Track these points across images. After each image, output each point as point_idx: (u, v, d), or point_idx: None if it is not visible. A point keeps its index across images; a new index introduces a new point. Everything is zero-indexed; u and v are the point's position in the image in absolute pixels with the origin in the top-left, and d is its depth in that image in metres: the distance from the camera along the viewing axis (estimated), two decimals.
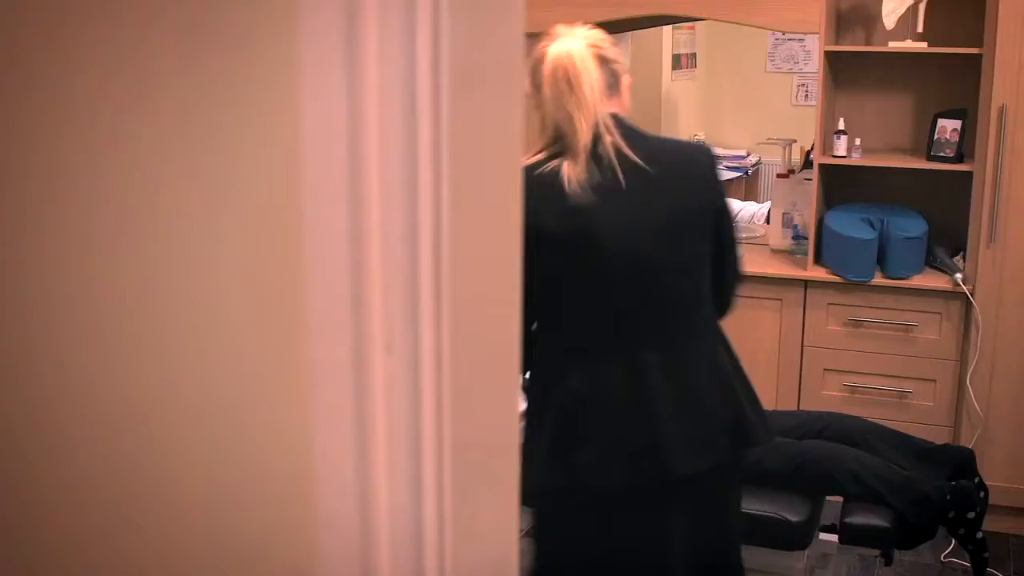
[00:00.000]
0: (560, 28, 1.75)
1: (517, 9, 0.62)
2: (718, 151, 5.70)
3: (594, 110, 1.63)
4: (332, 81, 0.57)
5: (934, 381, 3.22)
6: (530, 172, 1.62)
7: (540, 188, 1.61)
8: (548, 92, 1.65)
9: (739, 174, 5.32)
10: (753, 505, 2.27)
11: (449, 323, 0.59)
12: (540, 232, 1.59)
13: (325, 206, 0.58)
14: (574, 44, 1.69)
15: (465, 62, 0.57)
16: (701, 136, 5.72)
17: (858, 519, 2.29)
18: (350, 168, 0.57)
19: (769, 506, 2.27)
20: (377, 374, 0.60)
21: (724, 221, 1.76)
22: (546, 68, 1.66)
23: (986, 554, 2.37)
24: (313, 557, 0.63)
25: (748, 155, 5.48)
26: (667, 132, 5.34)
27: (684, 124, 5.63)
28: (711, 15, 3.43)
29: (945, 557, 3.05)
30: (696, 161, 1.74)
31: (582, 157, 1.62)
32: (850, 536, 2.30)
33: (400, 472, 0.61)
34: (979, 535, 2.34)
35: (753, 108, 5.75)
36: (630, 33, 4.81)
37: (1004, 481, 3.17)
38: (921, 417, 3.23)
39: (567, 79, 1.64)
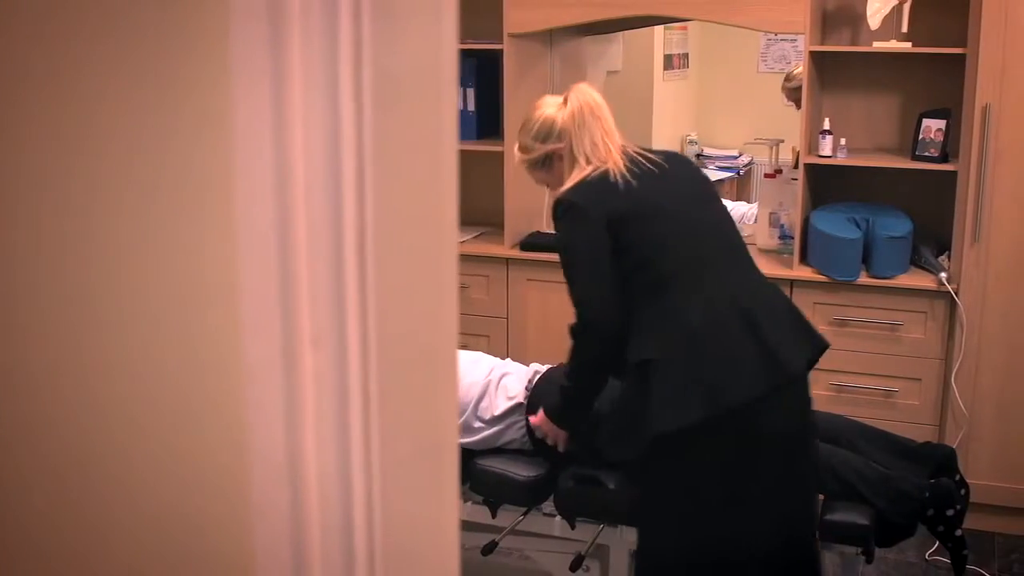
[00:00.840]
0: (550, 97, 2.21)
1: (443, 23, 0.64)
2: (710, 151, 5.70)
3: (615, 133, 2.11)
4: (259, 93, 0.58)
5: (919, 380, 3.23)
6: (582, 187, 2.03)
7: (597, 193, 2.02)
8: (575, 130, 2.08)
9: (731, 174, 5.33)
10: None
11: (375, 318, 0.61)
12: (615, 219, 1.98)
13: (254, 210, 0.60)
14: (586, 90, 2.15)
15: (387, 72, 0.59)
16: (693, 136, 5.74)
17: (838, 517, 2.30)
18: (277, 174, 0.59)
19: None
20: (306, 368, 0.62)
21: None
22: (567, 116, 2.10)
23: (965, 551, 2.38)
24: (248, 543, 0.65)
25: (740, 155, 5.50)
26: (659, 132, 5.35)
27: (676, 124, 5.65)
28: (697, 15, 3.45)
29: (930, 556, 3.07)
30: (690, 161, 2.41)
31: (621, 161, 2.04)
32: (830, 533, 2.31)
33: (330, 464, 0.63)
34: (958, 533, 2.35)
35: (745, 108, 5.76)
36: (621, 33, 4.83)
37: (989, 479, 3.18)
38: (907, 416, 3.24)
39: (593, 114, 2.09)
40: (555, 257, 3.42)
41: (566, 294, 2.20)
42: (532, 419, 2.34)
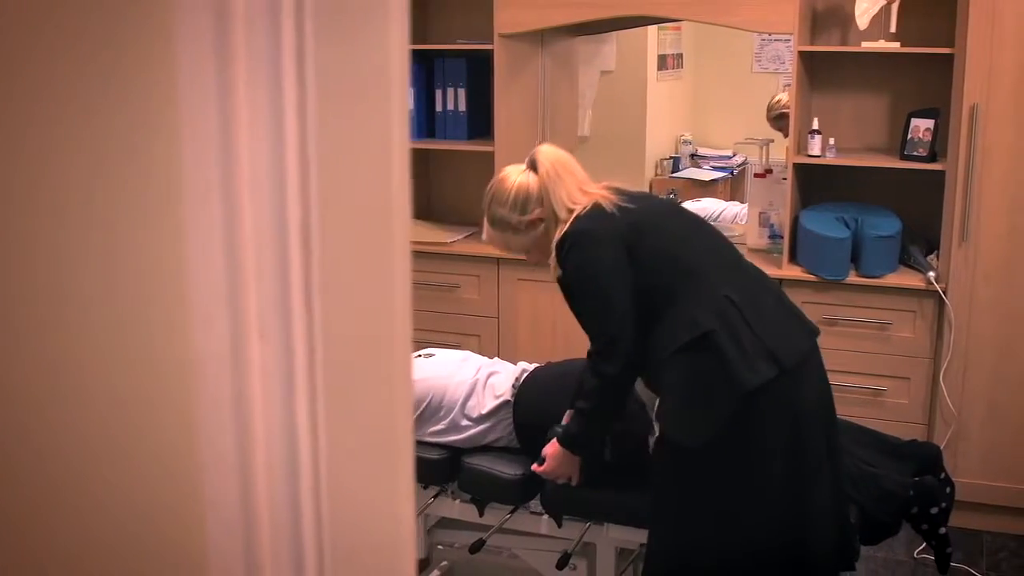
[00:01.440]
0: (512, 167, 2.29)
1: (391, 22, 0.64)
2: (704, 151, 5.70)
3: (590, 181, 2.21)
4: (204, 90, 0.59)
5: (908, 379, 3.24)
6: (582, 219, 2.11)
7: (601, 218, 2.10)
8: (552, 189, 2.16)
9: (724, 174, 5.34)
10: None
11: (321, 312, 0.62)
12: (628, 232, 2.08)
13: (201, 206, 0.61)
14: (550, 149, 2.25)
15: (330, 71, 0.60)
16: (688, 136, 5.75)
17: None
18: (223, 171, 0.60)
19: None
20: (253, 361, 0.63)
21: None
22: (540, 178, 2.19)
23: (949, 549, 2.39)
24: (200, 533, 0.66)
25: (734, 155, 5.51)
26: (653, 132, 5.37)
27: (670, 124, 5.66)
28: (686, 16, 3.46)
29: (918, 554, 3.08)
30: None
31: (607, 194, 2.15)
32: None
33: (277, 456, 0.64)
34: (942, 531, 2.36)
35: (739, 108, 5.77)
36: (615, 34, 4.84)
37: (977, 478, 3.19)
38: (896, 415, 3.25)
39: (565, 169, 2.20)
40: None
41: (556, 294, 2.23)
42: (536, 468, 2.32)
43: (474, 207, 3.87)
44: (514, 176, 2.23)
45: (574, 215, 2.13)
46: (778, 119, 3.64)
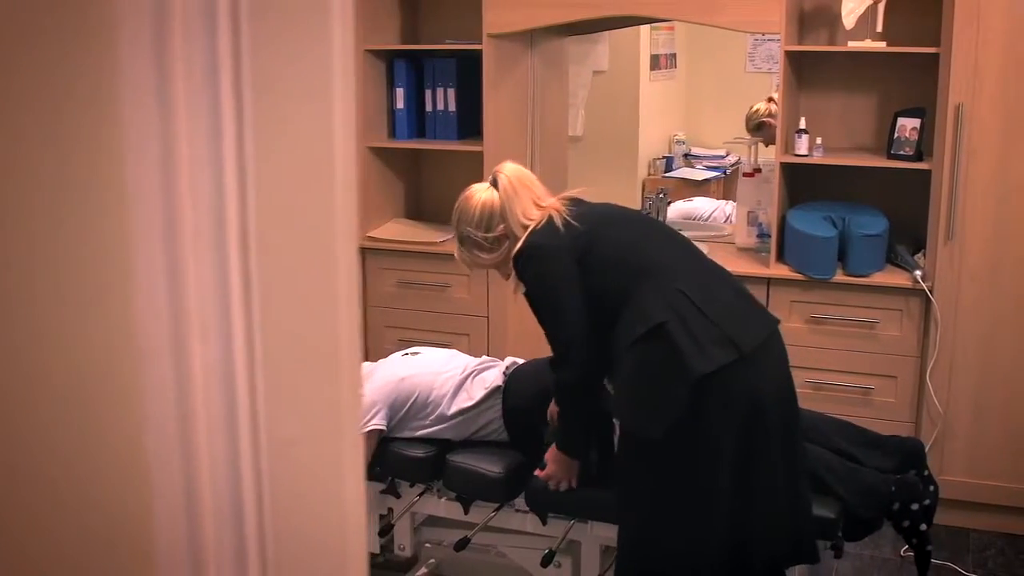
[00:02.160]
0: (475, 185, 2.36)
1: (333, 23, 0.66)
2: (698, 151, 5.70)
3: (547, 195, 2.29)
4: (144, 92, 0.61)
5: (895, 377, 3.25)
6: (534, 235, 2.20)
7: (550, 233, 2.18)
8: (509, 206, 2.24)
9: (717, 174, 5.36)
10: None
11: (260, 313, 0.64)
12: (577, 245, 2.16)
13: (142, 207, 0.63)
14: (510, 166, 2.32)
15: (267, 71, 0.61)
16: (681, 136, 5.76)
17: None
18: (163, 175, 0.62)
19: None
20: (195, 359, 0.64)
21: None
22: (500, 196, 2.26)
23: (929, 547, 2.40)
24: (147, 524, 0.67)
25: (727, 155, 5.52)
26: (645, 132, 5.38)
27: (663, 124, 5.68)
28: (674, 16, 3.48)
29: (905, 552, 3.09)
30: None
31: (558, 206, 2.24)
32: None
33: (219, 451, 0.65)
34: (923, 528, 2.37)
35: (733, 108, 5.77)
36: (607, 34, 4.86)
37: (963, 476, 3.21)
38: (883, 413, 3.27)
39: (521, 184, 2.28)
40: None
41: None
42: (538, 473, 2.38)
43: None
44: (479, 194, 2.30)
45: (528, 230, 2.22)
46: (757, 129, 3.66)
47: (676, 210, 4.70)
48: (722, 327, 2.06)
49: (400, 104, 3.74)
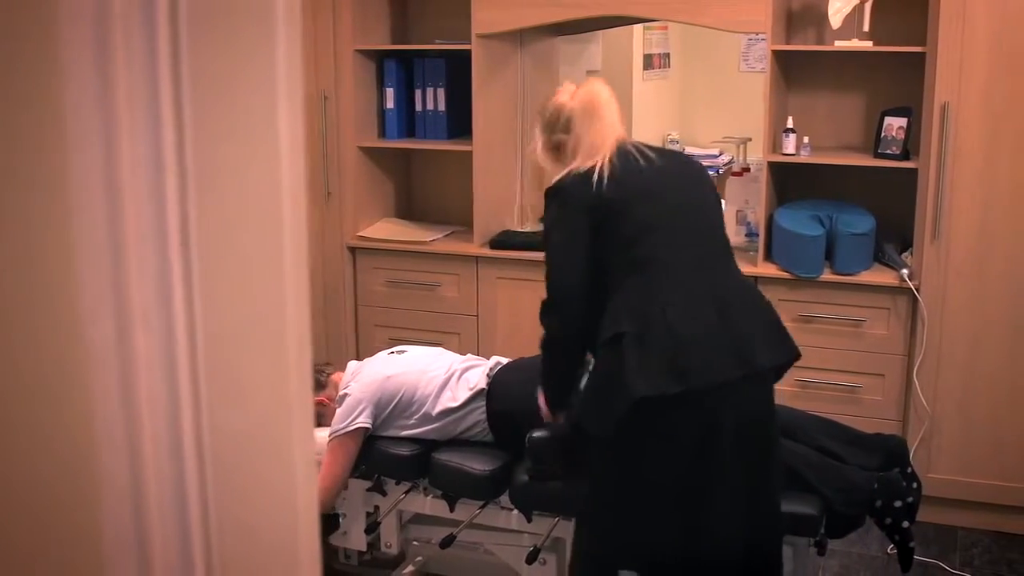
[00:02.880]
0: (568, 85, 2.27)
1: (276, 25, 0.67)
2: (691, 150, 5.71)
3: (616, 128, 2.16)
4: (87, 93, 0.62)
5: (883, 376, 3.26)
6: (569, 176, 2.10)
7: (582, 183, 2.07)
8: (578, 123, 2.14)
9: (711, 173, 5.36)
10: None
11: (201, 304, 0.65)
12: (597, 205, 2.05)
13: (86, 204, 0.64)
14: (593, 85, 2.21)
15: (206, 71, 0.63)
16: (675, 135, 5.77)
17: (785, 507, 2.33)
18: (106, 172, 0.63)
19: None
20: (139, 350, 0.65)
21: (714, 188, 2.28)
22: (573, 108, 2.16)
23: (912, 544, 2.41)
24: (95, 512, 0.68)
25: (721, 154, 5.53)
26: (639, 131, 5.38)
27: (657, 123, 5.69)
28: (661, 15, 3.49)
29: (891, 550, 3.09)
30: (692, 161, 2.37)
31: (610, 155, 2.09)
32: None
33: (163, 441, 0.67)
34: (905, 525, 2.38)
35: (726, 107, 5.79)
36: (601, 34, 4.87)
37: (951, 474, 3.22)
38: (871, 411, 3.27)
39: (593, 109, 2.15)
40: (525, 255, 3.46)
41: (536, 292, 2.23)
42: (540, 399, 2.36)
43: (454, 206, 3.91)
44: (560, 95, 2.23)
45: (568, 169, 2.13)
46: None
47: None
48: (681, 354, 1.97)
49: (390, 104, 3.75)
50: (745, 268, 3.32)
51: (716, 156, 5.58)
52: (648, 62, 5.49)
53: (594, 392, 2.11)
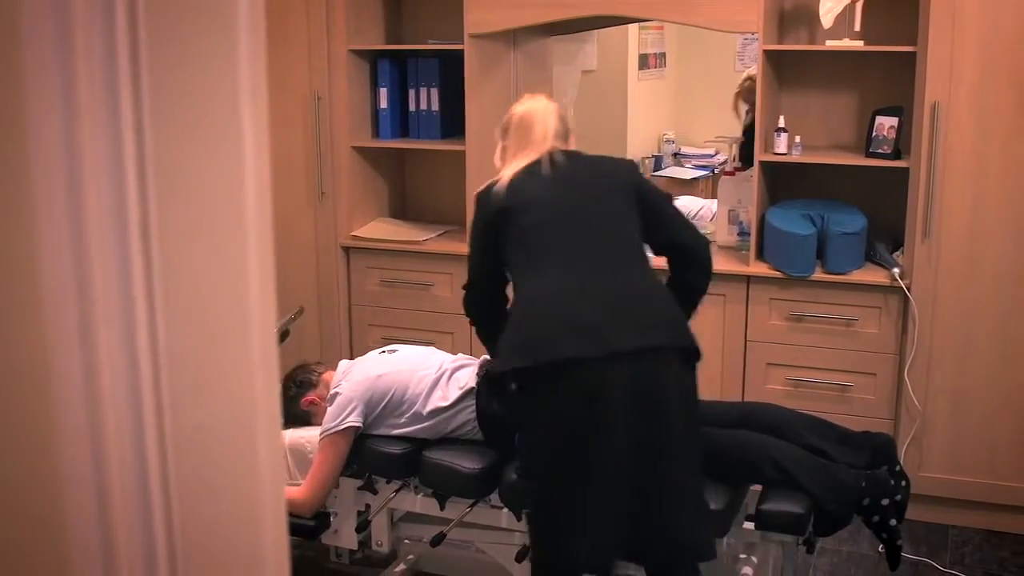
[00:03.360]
0: (526, 96, 2.48)
1: (237, 23, 0.68)
2: (687, 150, 5.71)
3: (545, 142, 2.33)
4: (49, 93, 0.63)
5: (874, 374, 3.27)
6: (486, 185, 2.36)
7: (492, 192, 2.31)
8: (513, 133, 2.37)
9: (705, 172, 5.38)
10: None
11: (162, 299, 0.66)
12: (500, 210, 2.27)
13: (48, 200, 0.65)
14: (529, 99, 2.43)
15: (166, 71, 0.64)
16: (670, 135, 5.78)
17: (772, 505, 2.34)
18: (68, 169, 0.64)
19: None
20: (101, 344, 0.66)
21: (645, 191, 2.37)
22: (514, 118, 2.39)
23: (899, 542, 2.42)
24: (58, 506, 0.69)
25: (716, 153, 5.54)
26: (634, 130, 5.40)
27: (653, 123, 5.70)
28: (652, 15, 3.50)
29: (882, 548, 3.10)
30: (617, 161, 2.46)
31: (525, 165, 2.31)
32: (765, 522, 2.35)
33: (125, 433, 0.67)
34: (892, 523, 2.39)
35: (722, 107, 5.80)
36: (596, 34, 4.88)
37: (942, 472, 3.22)
38: (862, 410, 3.28)
39: (522, 122, 2.37)
40: None
41: None
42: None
43: (448, 205, 3.92)
44: (516, 105, 2.45)
45: (498, 174, 2.37)
46: (751, 92, 3.69)
47: None
48: (534, 332, 2.14)
49: (384, 104, 3.76)
50: (737, 267, 3.35)
51: (712, 156, 5.59)
52: (644, 62, 5.50)
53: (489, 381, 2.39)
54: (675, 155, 5.71)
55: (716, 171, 5.46)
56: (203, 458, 0.70)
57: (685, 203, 4.79)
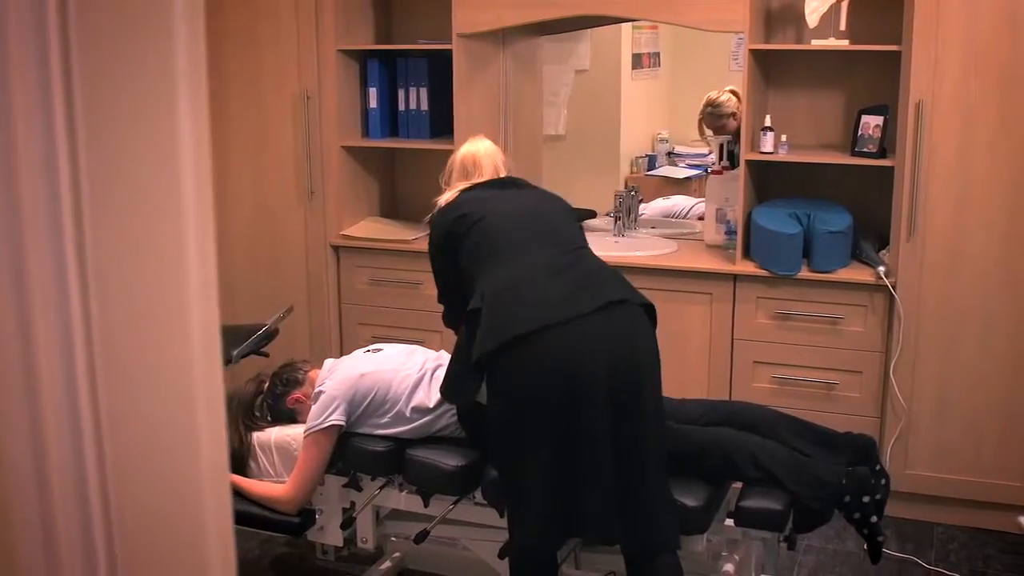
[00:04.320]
0: (468, 140, 2.67)
1: (174, 18, 0.69)
2: (681, 149, 5.71)
3: (488, 173, 2.55)
4: None
5: (860, 373, 3.28)
6: (435, 214, 2.55)
7: (442, 214, 2.50)
8: (457, 170, 2.59)
9: (699, 172, 5.38)
10: None
11: (97, 290, 0.67)
12: (453, 226, 2.43)
13: None
14: (481, 144, 2.62)
15: (97, 66, 0.65)
16: (664, 135, 5.78)
17: (752, 502, 2.35)
18: (2, 166, 0.65)
19: None
20: (39, 338, 0.68)
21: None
22: (457, 161, 2.61)
23: (880, 538, 2.43)
24: (2, 497, 0.71)
25: (710, 153, 5.54)
26: (628, 130, 5.41)
27: (646, 122, 5.70)
28: (639, 15, 3.51)
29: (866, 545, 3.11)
30: (554, 195, 2.62)
31: (476, 183, 2.53)
32: (744, 519, 2.36)
33: (63, 425, 0.69)
34: (874, 519, 2.40)
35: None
36: (589, 33, 4.89)
37: (927, 470, 3.23)
38: (848, 408, 3.29)
39: (473, 163, 2.58)
40: None
41: None
42: None
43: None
44: (464, 147, 2.65)
45: (442, 202, 2.55)
46: (717, 118, 3.74)
47: (656, 208, 4.73)
48: (505, 315, 2.23)
49: (373, 104, 3.78)
50: (724, 266, 3.36)
51: (705, 155, 5.59)
52: (637, 61, 5.50)
53: (454, 369, 2.41)
54: (669, 154, 5.71)
55: (709, 170, 5.46)
56: (140, 448, 0.71)
57: (677, 202, 4.80)
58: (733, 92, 3.80)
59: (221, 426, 0.79)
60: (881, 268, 3.18)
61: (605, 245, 3.74)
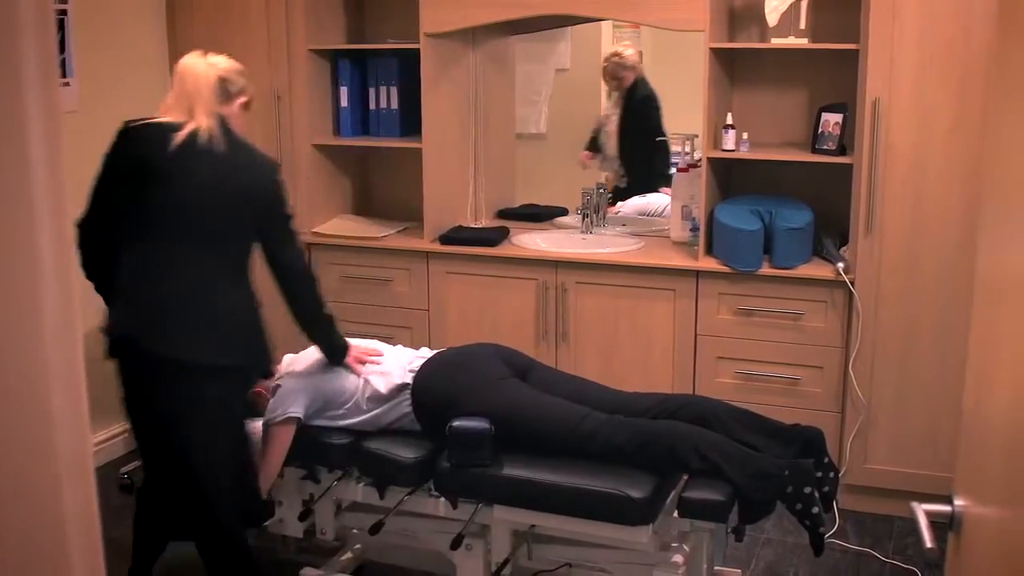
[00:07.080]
0: (195, 54, 2.51)
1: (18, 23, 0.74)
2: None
3: (194, 106, 2.41)
4: None
5: (821, 368, 3.31)
6: (140, 124, 2.40)
7: (146, 136, 2.38)
8: (175, 88, 2.46)
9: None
10: (595, 481, 2.39)
11: None
12: (145, 167, 2.37)
13: None
14: (198, 63, 2.47)
15: None
16: None
17: (694, 493, 2.39)
18: None
19: (611, 482, 2.37)
20: None
21: (270, 214, 2.52)
22: (177, 72, 2.48)
23: (822, 529, 2.46)
24: None
25: (686, 152, 5.56)
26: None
27: None
28: (602, 15, 3.56)
29: (827, 538, 3.14)
30: (259, 167, 2.53)
31: (185, 131, 2.38)
32: (687, 510, 2.40)
33: None
34: (815, 510, 2.43)
35: (697, 105, 5.82)
36: (570, 33, 4.93)
37: (886, 464, 3.27)
38: (810, 403, 3.33)
39: (183, 81, 2.45)
40: (473, 250, 3.54)
41: (485, 287, 2.38)
42: None
43: (408, 202, 3.97)
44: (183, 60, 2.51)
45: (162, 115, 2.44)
46: (616, 67, 3.90)
47: (632, 205, 4.76)
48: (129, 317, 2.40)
49: (344, 102, 3.82)
50: (687, 262, 3.40)
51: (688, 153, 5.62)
52: None
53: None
54: None
55: (676, 168, 5.48)
56: None
57: (652, 200, 4.83)
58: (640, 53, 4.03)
59: (83, 410, 0.83)
60: (840, 264, 3.22)
61: (572, 242, 3.78)
